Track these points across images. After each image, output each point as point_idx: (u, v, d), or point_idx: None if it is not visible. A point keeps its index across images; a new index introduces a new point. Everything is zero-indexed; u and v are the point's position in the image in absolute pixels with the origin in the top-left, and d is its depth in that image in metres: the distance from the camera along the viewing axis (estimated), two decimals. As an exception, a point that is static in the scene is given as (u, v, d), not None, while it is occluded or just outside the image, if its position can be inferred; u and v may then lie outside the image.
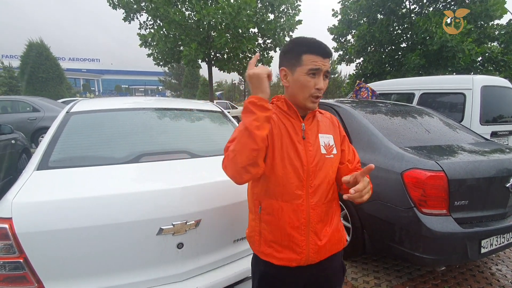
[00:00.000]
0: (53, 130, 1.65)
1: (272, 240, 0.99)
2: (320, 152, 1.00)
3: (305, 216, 0.97)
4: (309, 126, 1.02)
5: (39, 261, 1.11)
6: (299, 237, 0.97)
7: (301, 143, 0.99)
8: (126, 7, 7.76)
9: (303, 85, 0.95)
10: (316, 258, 0.99)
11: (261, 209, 1.01)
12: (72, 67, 52.31)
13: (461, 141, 2.51)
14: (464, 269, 2.44)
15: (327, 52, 0.95)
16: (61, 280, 1.15)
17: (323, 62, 0.94)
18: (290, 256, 0.98)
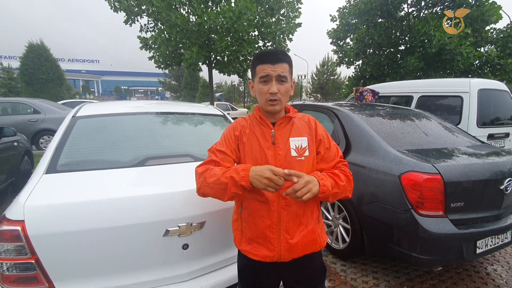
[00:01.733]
0: (60, 134, 1.69)
1: (251, 238, 1.08)
2: (290, 155, 1.06)
3: (276, 216, 1.04)
4: (279, 132, 1.10)
5: (50, 262, 1.16)
6: (271, 235, 1.05)
7: (271, 148, 1.07)
8: (127, 10, 7.82)
9: (259, 92, 1.07)
10: (288, 255, 1.05)
11: (242, 209, 1.11)
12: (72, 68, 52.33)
13: (458, 144, 2.56)
14: (461, 269, 2.49)
15: (276, 58, 1.04)
16: (71, 280, 1.20)
17: (273, 68, 1.03)
18: (264, 253, 1.06)
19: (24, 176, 4.01)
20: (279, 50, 1.09)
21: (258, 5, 7.85)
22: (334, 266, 2.51)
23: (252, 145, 1.09)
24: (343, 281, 2.31)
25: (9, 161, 3.77)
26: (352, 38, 10.38)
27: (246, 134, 1.12)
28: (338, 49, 11.06)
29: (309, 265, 1.13)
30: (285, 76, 1.05)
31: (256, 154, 1.07)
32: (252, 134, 1.11)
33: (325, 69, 30.78)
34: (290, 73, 1.08)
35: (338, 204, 2.59)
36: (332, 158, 1.15)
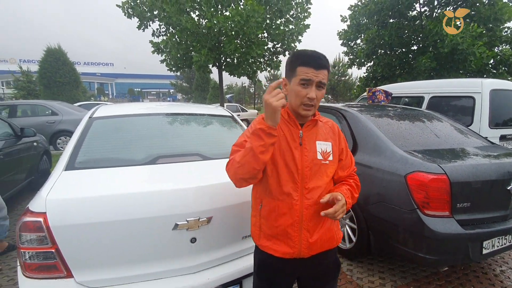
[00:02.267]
0: (78, 133, 1.80)
1: (270, 234, 1.11)
2: (317, 157, 1.09)
3: (298, 215, 1.07)
4: (307, 133, 1.11)
5: (68, 252, 1.25)
6: (292, 233, 1.08)
7: (298, 149, 1.08)
8: (140, 16, 8.08)
9: (296, 94, 1.04)
10: (307, 253, 1.09)
11: (262, 207, 1.13)
12: (87, 71, 53.86)
13: (466, 144, 2.54)
14: (468, 270, 2.47)
15: (319, 64, 1.02)
16: (87, 269, 1.29)
17: (315, 73, 1.01)
18: (285, 250, 1.09)
19: (43, 175, 4.20)
20: (321, 55, 1.05)
21: (266, 7, 7.93)
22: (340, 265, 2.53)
23: (280, 143, 1.08)
24: (349, 280, 2.33)
25: (29, 160, 3.97)
26: (362, 39, 10.28)
27: None
28: (349, 50, 10.97)
29: (324, 261, 1.17)
30: (324, 83, 1.05)
31: (285, 152, 1.08)
32: (280, 132, 1.09)
33: (336, 70, 30.54)
34: (327, 80, 1.08)
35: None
36: (348, 166, 1.20)
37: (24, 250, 1.22)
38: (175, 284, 1.37)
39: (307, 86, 1.02)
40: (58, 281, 1.26)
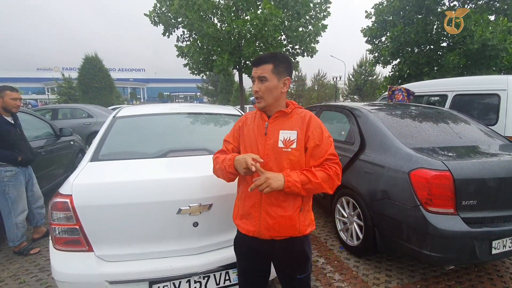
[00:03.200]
0: (102, 130, 2.06)
1: (242, 214, 1.29)
2: (277, 145, 1.19)
3: (258, 198, 1.21)
4: (272, 124, 1.24)
5: (89, 229, 1.47)
6: (254, 213, 1.23)
7: (262, 138, 1.24)
8: (165, 23, 8.60)
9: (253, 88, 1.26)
10: (267, 233, 1.20)
11: (239, 191, 1.34)
12: (121, 77, 57.32)
13: (479, 142, 2.47)
14: (482, 272, 2.38)
15: (259, 61, 1.22)
16: (104, 245, 1.50)
17: (255, 70, 1.22)
18: (248, 227, 1.24)
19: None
20: (267, 53, 1.25)
21: (284, 10, 8.03)
22: (347, 262, 2.57)
23: (249, 135, 1.28)
24: (354, 275, 2.36)
25: (66, 157, 4.44)
26: (387, 37, 9.92)
27: (247, 125, 1.32)
28: (374, 47, 10.63)
29: (288, 248, 1.24)
30: (264, 76, 1.18)
31: (250, 143, 1.26)
32: (251, 126, 1.29)
33: (363, 69, 29.66)
34: (275, 72, 1.18)
35: (353, 201, 2.65)
36: (320, 156, 1.20)
37: (54, 226, 1.46)
38: (179, 263, 1.54)
39: (254, 82, 1.24)
40: (81, 254, 1.48)
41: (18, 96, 2.58)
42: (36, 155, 2.84)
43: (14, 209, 2.52)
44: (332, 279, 2.30)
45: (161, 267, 1.50)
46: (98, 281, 1.44)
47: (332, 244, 2.88)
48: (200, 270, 1.54)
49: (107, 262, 1.49)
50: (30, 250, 2.64)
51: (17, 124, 2.66)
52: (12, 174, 2.50)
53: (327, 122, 3.63)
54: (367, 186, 2.45)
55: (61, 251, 1.48)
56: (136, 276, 1.48)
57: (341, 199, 2.84)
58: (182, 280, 1.54)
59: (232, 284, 1.65)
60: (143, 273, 1.48)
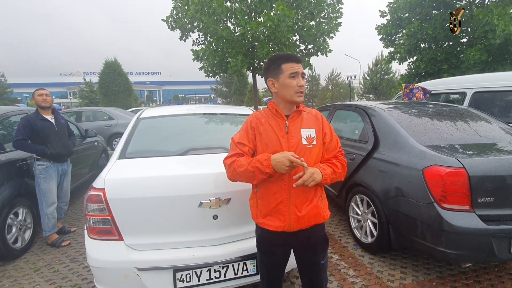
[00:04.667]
0: (128, 130, 2.22)
1: (265, 212, 1.33)
2: (301, 143, 1.28)
3: (287, 193, 1.27)
4: (292, 123, 1.31)
5: (120, 219, 1.61)
6: (283, 208, 1.28)
7: (285, 137, 1.28)
8: (181, 28, 8.90)
9: (289, 86, 1.27)
10: (296, 226, 1.28)
11: (257, 190, 1.36)
12: (138, 80, 59.05)
13: (497, 139, 2.44)
14: (503, 272, 2.35)
15: (298, 59, 1.29)
16: (133, 234, 1.64)
17: (298, 66, 1.27)
18: (277, 224, 1.29)
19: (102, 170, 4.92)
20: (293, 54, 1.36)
21: (297, 10, 8.09)
22: (361, 259, 2.60)
23: (268, 135, 1.29)
24: (369, 272, 2.40)
25: (92, 157, 4.70)
26: (403, 34, 9.74)
27: (262, 125, 1.32)
28: (390, 44, 10.46)
29: (313, 235, 1.35)
30: (304, 73, 1.31)
31: (273, 142, 1.28)
32: (269, 126, 1.31)
33: (379, 68, 29.07)
34: None
35: (367, 199, 2.68)
36: (333, 149, 1.38)
37: (89, 216, 1.61)
38: (200, 253, 1.65)
39: (295, 77, 1.26)
40: (112, 242, 1.63)
41: (43, 92, 2.82)
42: (70, 152, 3.04)
43: (45, 201, 2.74)
44: (346, 275, 2.35)
45: (184, 256, 1.62)
46: (128, 267, 1.57)
47: (346, 242, 2.92)
48: (220, 259, 1.65)
49: (135, 250, 1.63)
50: (62, 242, 2.86)
51: (58, 122, 2.90)
52: (43, 168, 2.72)
53: (341, 121, 3.67)
54: (381, 184, 2.48)
55: (95, 240, 1.63)
56: (161, 263, 1.60)
57: (355, 197, 2.87)
58: (203, 269, 1.66)
59: (249, 274, 1.75)
60: (168, 261, 1.60)
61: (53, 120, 2.86)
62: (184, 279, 1.63)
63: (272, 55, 1.38)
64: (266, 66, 1.38)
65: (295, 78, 1.26)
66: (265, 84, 1.40)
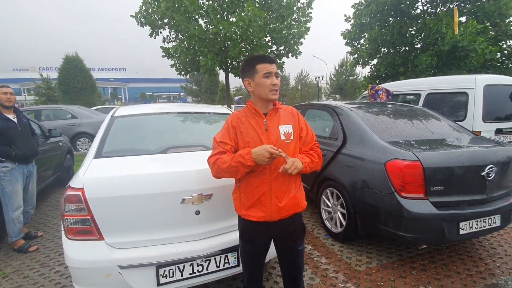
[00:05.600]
0: (102, 130, 2.17)
1: (248, 205, 1.42)
2: (280, 139, 1.39)
3: (268, 186, 1.38)
4: (270, 120, 1.41)
5: (100, 219, 1.60)
6: (265, 200, 1.38)
7: (264, 134, 1.38)
8: (151, 25, 8.63)
9: (263, 85, 1.36)
10: (277, 215, 1.39)
11: (240, 184, 1.45)
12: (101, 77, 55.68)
13: (448, 136, 2.78)
14: (454, 253, 2.67)
15: (272, 59, 1.38)
16: (114, 233, 1.63)
17: (272, 66, 1.37)
18: (260, 214, 1.39)
19: (67, 172, 4.65)
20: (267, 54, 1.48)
21: (268, 12, 8.29)
22: (332, 247, 2.80)
23: (249, 133, 1.38)
24: (339, 258, 2.60)
25: (56, 158, 4.43)
26: (365, 39, 10.45)
27: (243, 124, 1.40)
28: (353, 50, 11.17)
29: (292, 223, 1.47)
30: (279, 73, 1.40)
31: (254, 140, 1.36)
32: (249, 124, 1.39)
33: (344, 69, 30.52)
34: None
35: (336, 192, 2.88)
36: (309, 142, 1.51)
37: (67, 217, 1.58)
38: (183, 248, 1.69)
39: (269, 77, 1.36)
40: (92, 242, 1.61)
41: (7, 90, 2.65)
42: (36, 153, 2.89)
43: (10, 205, 2.58)
44: (319, 263, 2.52)
45: (167, 252, 1.66)
46: (109, 266, 1.57)
47: (318, 233, 3.11)
48: (202, 253, 1.71)
49: (117, 249, 1.63)
50: (29, 247, 2.70)
51: (21, 121, 2.73)
52: (7, 169, 2.56)
53: (312, 120, 3.87)
54: (349, 177, 2.69)
55: (73, 240, 1.60)
56: (144, 260, 1.62)
57: (326, 191, 3.07)
58: (186, 264, 1.70)
59: (231, 266, 1.83)
60: (150, 257, 1.62)
61: (15, 120, 2.68)
62: (167, 274, 1.67)
63: (247, 56, 1.48)
64: (242, 67, 1.47)
65: (269, 77, 1.35)
66: (242, 83, 1.50)
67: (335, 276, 2.32)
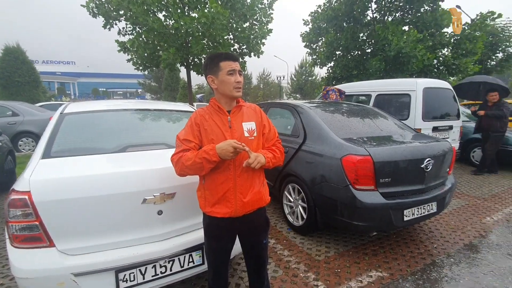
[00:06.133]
0: (50, 128, 2.00)
1: (213, 202, 1.43)
2: (244, 136, 1.42)
3: (232, 183, 1.40)
4: (234, 118, 1.43)
5: (51, 224, 1.47)
6: (229, 196, 1.41)
7: (228, 131, 1.40)
8: (105, 15, 8.01)
9: (228, 82, 1.38)
10: (242, 211, 1.43)
11: (204, 181, 1.46)
12: (46, 70, 50.28)
13: (394, 133, 3.07)
14: (399, 238, 2.98)
15: (235, 57, 1.41)
16: (67, 239, 1.52)
17: (236, 64, 1.39)
18: (224, 211, 1.42)
19: (8, 174, 4.14)
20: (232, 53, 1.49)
21: (231, 11, 8.28)
22: (294, 240, 2.93)
23: (213, 130, 1.38)
24: (300, 250, 2.73)
25: (-8, 160, 3.92)
26: (322, 42, 11.04)
27: (206, 121, 1.40)
28: (312, 51, 11.72)
29: (256, 218, 1.52)
30: (241, 70, 1.43)
31: (218, 137, 1.36)
32: (212, 121, 1.40)
33: (304, 70, 31.72)
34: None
35: (298, 187, 3.02)
36: (271, 138, 1.56)
37: (12, 223, 1.43)
38: (144, 250, 1.64)
39: (233, 74, 1.38)
40: (42, 250, 1.48)
41: None
42: None
43: None
44: (282, 255, 2.63)
45: (126, 255, 1.59)
46: (62, 274, 1.46)
47: (281, 227, 3.23)
48: (165, 254, 1.67)
49: (70, 255, 1.52)
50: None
51: None
52: None
53: (274, 118, 3.98)
54: (309, 173, 2.84)
55: (20, 249, 1.46)
56: (101, 266, 1.53)
57: (288, 186, 3.20)
58: (148, 266, 1.65)
59: (195, 265, 1.82)
60: (108, 262, 1.54)
61: None
62: (128, 278, 1.61)
63: (211, 54, 1.48)
64: (205, 64, 1.46)
65: (233, 75, 1.37)
66: (206, 81, 1.49)
67: (297, 267, 2.43)
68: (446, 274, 2.35)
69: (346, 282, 2.24)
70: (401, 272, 2.38)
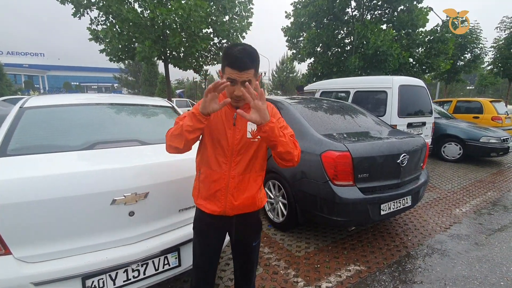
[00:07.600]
0: (8, 123, 1.81)
1: (205, 196, 1.36)
2: (246, 136, 1.28)
3: (225, 183, 1.32)
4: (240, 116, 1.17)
5: (6, 230, 1.33)
6: (220, 196, 1.33)
7: (231, 129, 1.27)
8: (75, 3, 7.49)
9: (226, 88, 1.19)
10: (231, 212, 1.36)
11: (200, 173, 1.38)
12: (11, 62, 46.93)
13: (371, 129, 3.12)
14: (376, 231, 3.05)
15: (243, 66, 1.13)
16: (25, 245, 1.38)
17: (239, 75, 1.13)
18: (214, 208, 1.35)
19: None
20: (247, 55, 1.14)
21: (210, 3, 8.07)
22: (275, 236, 2.91)
23: (217, 123, 1.27)
24: (281, 247, 2.71)
25: None
26: (304, 38, 11.10)
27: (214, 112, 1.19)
28: (292, 46, 11.74)
29: (248, 219, 1.43)
30: (249, 80, 1.16)
31: (220, 131, 1.26)
32: (218, 113, 1.26)
33: (285, 67, 31.87)
34: (255, 75, 1.19)
35: (278, 184, 2.99)
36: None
37: (-42, 231, 1.27)
38: (114, 254, 1.53)
39: (234, 84, 1.17)
40: (-5, 258, 1.33)
41: None
42: None
43: None
44: (262, 253, 2.60)
45: (94, 261, 1.47)
46: (19, 284, 1.32)
47: (262, 224, 3.19)
48: (137, 257, 1.57)
49: (30, 263, 1.38)
50: None
51: None
52: None
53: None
54: (289, 169, 2.82)
55: (-32, 259, 1.30)
56: (65, 273, 1.41)
57: (269, 183, 3.17)
58: (119, 271, 1.55)
59: (171, 267, 1.73)
60: (73, 269, 1.42)
61: None
62: (96, 285, 1.49)
63: (226, 49, 1.21)
64: (222, 55, 1.26)
65: (234, 85, 1.17)
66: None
67: (277, 264, 2.41)
68: (420, 265, 2.43)
69: (326, 277, 2.25)
70: (378, 265, 2.43)
